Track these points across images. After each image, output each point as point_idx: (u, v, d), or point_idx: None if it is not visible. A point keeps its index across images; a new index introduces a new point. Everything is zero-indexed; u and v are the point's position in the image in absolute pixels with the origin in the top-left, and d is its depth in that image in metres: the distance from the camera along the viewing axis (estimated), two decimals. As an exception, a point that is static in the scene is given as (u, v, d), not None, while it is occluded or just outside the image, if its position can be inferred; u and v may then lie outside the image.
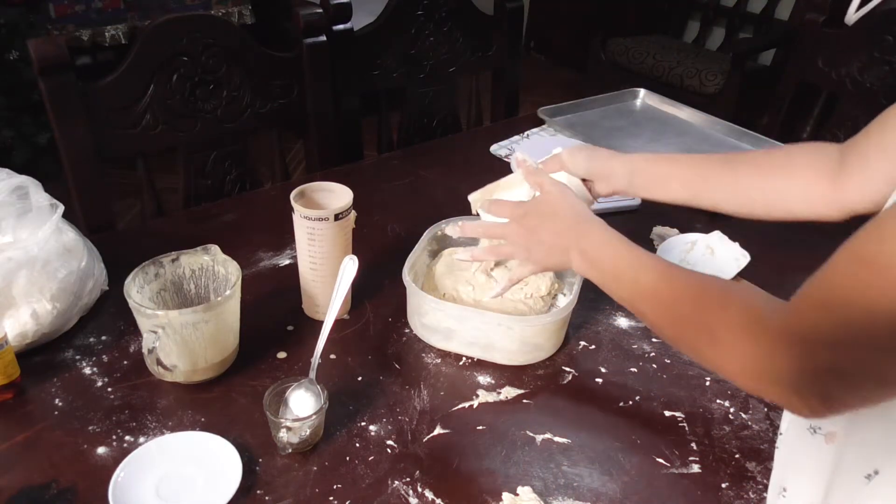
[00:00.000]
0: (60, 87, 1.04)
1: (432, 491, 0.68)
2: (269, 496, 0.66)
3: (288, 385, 0.73)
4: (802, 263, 0.88)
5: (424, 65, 1.52)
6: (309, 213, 0.80)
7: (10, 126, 2.29)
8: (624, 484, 0.69)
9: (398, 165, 1.32)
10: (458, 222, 0.83)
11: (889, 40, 1.50)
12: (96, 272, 0.88)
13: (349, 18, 1.35)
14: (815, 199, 0.74)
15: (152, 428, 0.73)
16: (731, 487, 0.70)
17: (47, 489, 0.66)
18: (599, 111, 1.56)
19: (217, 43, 1.17)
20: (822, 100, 1.73)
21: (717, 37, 3.40)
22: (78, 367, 0.80)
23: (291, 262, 0.99)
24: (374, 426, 0.75)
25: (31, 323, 0.78)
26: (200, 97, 1.19)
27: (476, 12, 1.56)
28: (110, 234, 1.12)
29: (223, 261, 0.80)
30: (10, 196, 0.82)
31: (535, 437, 0.74)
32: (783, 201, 0.76)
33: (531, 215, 0.75)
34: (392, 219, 1.12)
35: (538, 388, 0.81)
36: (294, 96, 1.30)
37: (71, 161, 1.09)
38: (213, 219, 1.12)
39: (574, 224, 0.72)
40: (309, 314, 0.90)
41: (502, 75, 1.65)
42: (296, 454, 0.71)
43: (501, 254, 0.80)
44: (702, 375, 0.84)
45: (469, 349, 0.84)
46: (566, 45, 3.98)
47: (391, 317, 0.90)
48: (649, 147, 1.40)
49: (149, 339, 0.71)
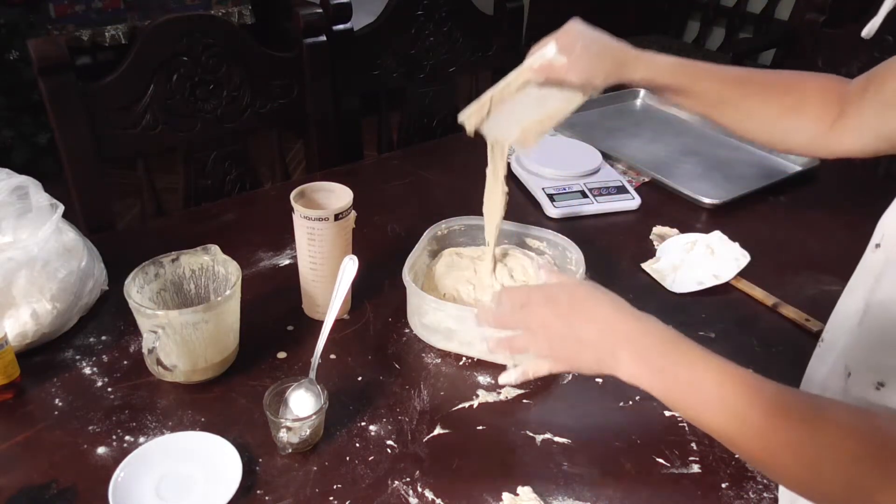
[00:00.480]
0: (60, 87, 1.04)
1: (432, 491, 0.68)
2: (269, 496, 0.66)
3: (288, 385, 0.73)
4: (802, 263, 0.88)
5: (424, 65, 1.52)
6: (309, 213, 0.80)
7: (10, 126, 2.30)
8: (624, 484, 0.69)
9: (398, 165, 1.32)
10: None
11: (889, 40, 1.50)
12: (96, 272, 0.88)
13: (349, 18, 1.35)
14: (814, 139, 0.76)
15: (152, 428, 0.73)
16: (731, 487, 0.70)
17: (47, 489, 0.66)
18: (599, 111, 1.56)
19: (217, 43, 1.17)
20: (822, 100, 1.73)
21: (717, 37, 3.39)
22: (78, 367, 0.80)
23: (291, 262, 0.99)
24: (374, 426, 0.75)
25: (31, 323, 0.78)
26: (200, 97, 1.19)
27: (476, 12, 1.56)
28: (110, 234, 1.12)
29: (223, 261, 0.80)
30: (10, 196, 0.82)
31: (535, 437, 0.74)
32: (787, 139, 0.79)
33: (559, 302, 0.60)
34: (392, 219, 1.12)
35: (538, 388, 0.81)
36: (294, 96, 1.30)
37: (71, 161, 1.09)
38: (213, 219, 1.12)
39: (623, 318, 0.58)
40: (309, 314, 0.90)
41: (502, 75, 1.65)
42: (296, 454, 0.71)
43: (515, 347, 0.64)
44: (702, 375, 0.84)
45: (469, 349, 0.84)
46: (566, 45, 3.97)
47: (391, 317, 0.90)
48: (649, 147, 1.40)
49: (149, 339, 0.71)
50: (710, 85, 0.80)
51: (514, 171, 1.25)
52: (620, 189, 1.20)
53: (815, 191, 1.29)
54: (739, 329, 0.92)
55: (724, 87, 0.80)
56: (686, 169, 1.32)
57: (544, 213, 1.15)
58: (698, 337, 0.90)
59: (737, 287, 0.99)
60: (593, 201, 1.17)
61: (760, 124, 0.81)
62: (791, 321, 0.93)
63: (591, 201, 1.17)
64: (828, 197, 1.26)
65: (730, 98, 0.80)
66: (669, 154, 1.38)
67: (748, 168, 1.34)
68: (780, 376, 0.85)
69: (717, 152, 1.39)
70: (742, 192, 1.21)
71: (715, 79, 0.80)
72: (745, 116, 0.81)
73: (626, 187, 1.20)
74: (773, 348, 0.89)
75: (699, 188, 1.21)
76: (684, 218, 1.15)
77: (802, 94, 0.78)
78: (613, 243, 1.09)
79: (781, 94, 0.79)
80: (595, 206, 1.16)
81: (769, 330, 0.92)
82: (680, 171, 1.31)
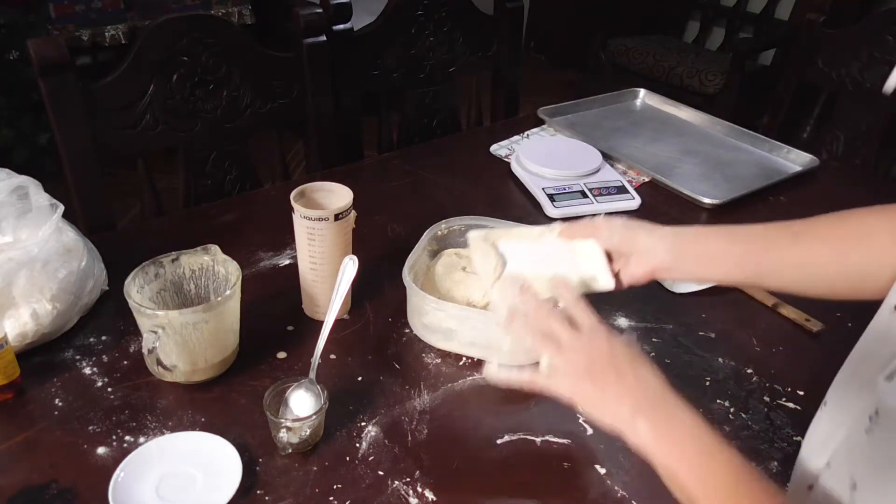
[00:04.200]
0: (60, 87, 1.04)
1: (432, 491, 0.68)
2: (269, 496, 0.66)
3: (288, 385, 0.73)
4: (802, 263, 0.87)
5: (424, 65, 1.52)
6: (309, 213, 0.80)
7: (10, 126, 2.30)
8: (624, 484, 0.69)
9: (398, 165, 1.32)
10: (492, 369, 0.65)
11: (889, 40, 1.50)
12: (96, 272, 0.88)
13: (349, 18, 1.35)
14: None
15: (152, 428, 0.73)
16: (731, 487, 0.70)
17: (47, 489, 0.66)
18: (599, 111, 1.56)
19: (217, 43, 1.17)
20: (822, 100, 1.73)
21: (717, 37, 3.40)
22: (78, 367, 0.80)
23: (291, 262, 0.99)
24: (374, 426, 0.75)
25: (31, 323, 0.78)
26: (200, 97, 1.19)
27: (476, 12, 1.56)
28: (110, 234, 1.12)
29: (223, 261, 0.80)
30: (10, 196, 0.82)
31: (534, 437, 0.74)
32: (866, 278, 0.62)
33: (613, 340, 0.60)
34: (392, 219, 1.12)
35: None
36: (294, 96, 1.30)
37: (71, 161, 1.09)
38: (213, 219, 1.12)
39: (652, 387, 0.58)
40: (309, 314, 0.90)
41: (502, 75, 1.65)
42: (296, 454, 0.71)
43: (536, 385, 0.62)
44: (702, 376, 0.84)
45: (469, 349, 0.84)
46: (566, 45, 3.98)
47: (391, 317, 0.90)
48: (649, 147, 1.40)
49: (149, 339, 0.70)
50: (752, 239, 0.68)
51: (514, 171, 1.26)
52: (620, 189, 1.20)
53: (815, 191, 1.29)
54: (739, 329, 0.92)
55: (771, 239, 0.67)
56: (686, 169, 1.32)
57: (544, 213, 1.15)
58: (698, 337, 0.90)
59: (737, 287, 0.99)
60: (593, 201, 1.17)
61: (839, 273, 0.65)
62: (791, 321, 0.93)
63: (591, 201, 1.17)
64: (828, 197, 1.26)
65: (783, 251, 0.66)
66: (669, 154, 1.38)
67: (748, 168, 1.34)
68: (780, 376, 0.85)
69: (717, 152, 1.40)
70: (742, 192, 1.21)
71: (755, 234, 0.68)
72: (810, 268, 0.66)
73: (626, 187, 1.20)
74: (773, 348, 0.89)
75: (699, 188, 1.21)
76: (684, 218, 1.15)
77: (866, 228, 0.64)
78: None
79: (845, 235, 0.65)
80: (595, 206, 1.16)
81: (769, 330, 0.92)
82: (680, 171, 1.31)
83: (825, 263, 0.64)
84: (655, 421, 0.56)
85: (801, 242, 0.65)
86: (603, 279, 0.70)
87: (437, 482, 0.69)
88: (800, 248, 0.65)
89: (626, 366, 0.58)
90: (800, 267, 0.65)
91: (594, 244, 0.70)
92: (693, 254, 0.68)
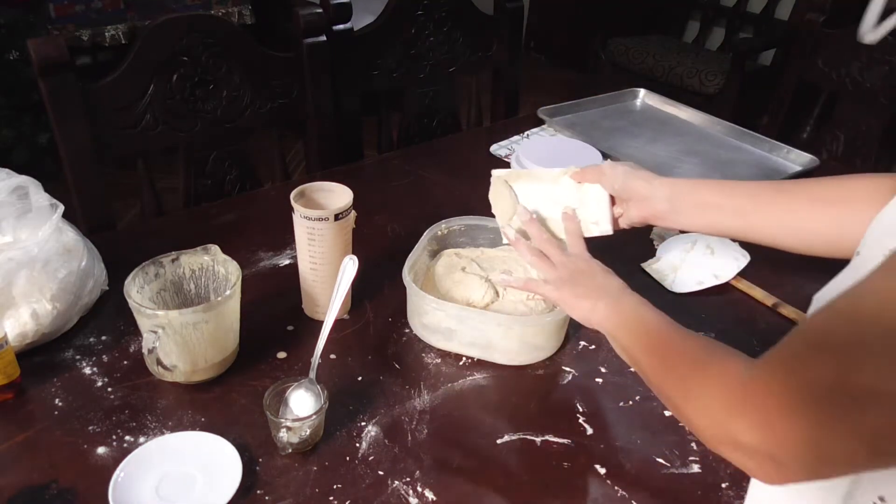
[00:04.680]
0: (60, 87, 1.04)
1: (432, 491, 0.68)
2: (269, 496, 0.66)
3: (288, 385, 0.73)
4: (802, 264, 0.88)
5: (424, 65, 1.52)
6: (309, 213, 0.80)
7: (10, 126, 2.30)
8: (624, 484, 0.69)
9: (398, 165, 1.32)
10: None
11: (889, 40, 1.50)
12: (96, 272, 0.88)
13: (349, 18, 1.35)
14: None
15: (152, 428, 0.73)
16: (731, 487, 0.70)
17: (47, 489, 0.66)
18: (599, 111, 1.56)
19: (217, 43, 1.17)
20: (822, 100, 1.73)
21: (717, 37, 3.40)
22: (78, 367, 0.80)
23: (291, 262, 0.99)
24: (374, 426, 0.75)
25: (31, 323, 0.78)
26: (200, 97, 1.19)
27: (476, 12, 1.56)
28: (110, 234, 1.12)
29: (223, 261, 0.81)
30: (10, 196, 0.82)
31: (534, 437, 0.74)
32: (846, 235, 0.66)
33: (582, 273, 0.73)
34: (392, 219, 1.12)
35: (538, 388, 0.81)
36: (294, 96, 1.30)
37: (71, 161, 1.09)
38: (213, 219, 1.12)
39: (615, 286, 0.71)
40: (309, 314, 0.90)
41: (502, 75, 1.65)
42: (296, 454, 0.71)
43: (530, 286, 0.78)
44: (702, 375, 0.84)
45: (469, 349, 0.84)
46: (566, 45, 3.98)
47: (391, 317, 0.90)
48: (649, 147, 1.40)
49: (149, 339, 0.71)
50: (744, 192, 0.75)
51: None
52: (620, 189, 1.20)
53: (815, 191, 1.28)
54: (739, 329, 0.92)
55: (761, 192, 0.74)
56: (686, 169, 1.32)
57: (544, 213, 1.15)
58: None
59: (737, 287, 0.99)
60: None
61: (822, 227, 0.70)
62: (791, 321, 0.93)
63: (591, 201, 1.16)
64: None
65: (772, 202, 0.73)
66: (669, 154, 1.38)
67: (748, 168, 1.34)
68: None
69: (717, 152, 1.40)
70: (742, 192, 1.21)
71: (747, 187, 0.75)
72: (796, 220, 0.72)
73: (626, 187, 1.20)
74: (773, 348, 0.89)
75: (699, 188, 1.21)
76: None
77: (849, 191, 0.69)
78: (613, 243, 1.09)
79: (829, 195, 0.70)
80: (595, 206, 1.16)
81: (769, 330, 0.92)
82: (680, 171, 1.31)
83: (806, 219, 0.71)
84: (610, 304, 0.69)
85: (787, 198, 0.72)
86: (603, 225, 0.80)
87: (437, 482, 0.69)
88: (785, 204, 0.72)
89: (598, 277, 0.72)
90: (783, 221, 0.72)
91: (600, 189, 0.79)
92: (688, 203, 0.75)
